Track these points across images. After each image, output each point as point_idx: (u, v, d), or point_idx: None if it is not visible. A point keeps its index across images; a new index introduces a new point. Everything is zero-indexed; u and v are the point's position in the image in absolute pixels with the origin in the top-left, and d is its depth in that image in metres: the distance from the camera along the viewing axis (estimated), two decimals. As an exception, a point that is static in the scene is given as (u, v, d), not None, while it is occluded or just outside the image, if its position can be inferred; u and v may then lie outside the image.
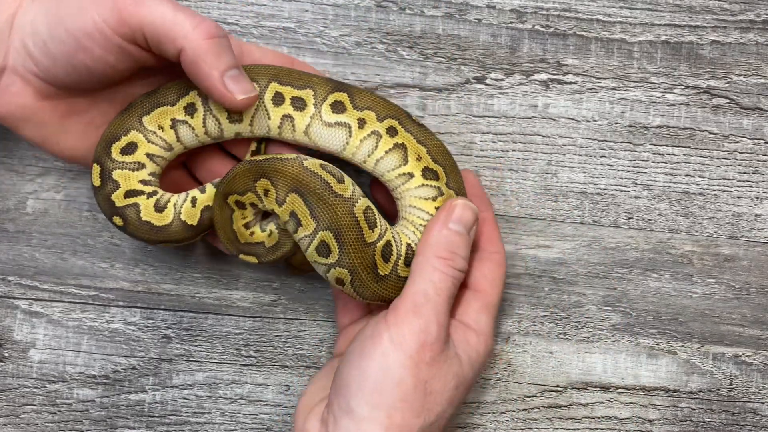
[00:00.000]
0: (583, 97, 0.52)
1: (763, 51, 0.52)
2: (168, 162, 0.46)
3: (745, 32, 0.52)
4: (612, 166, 0.52)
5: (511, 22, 0.52)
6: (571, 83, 0.52)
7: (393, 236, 0.45)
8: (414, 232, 0.46)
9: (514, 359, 0.52)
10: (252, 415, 0.52)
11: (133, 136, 0.44)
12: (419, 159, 0.46)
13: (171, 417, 0.52)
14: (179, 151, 0.46)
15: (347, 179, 0.44)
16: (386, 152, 0.45)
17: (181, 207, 0.45)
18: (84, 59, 0.41)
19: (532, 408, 0.52)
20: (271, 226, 0.46)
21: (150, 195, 0.45)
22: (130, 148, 0.45)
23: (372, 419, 0.41)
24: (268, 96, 0.45)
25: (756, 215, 0.52)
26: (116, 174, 0.44)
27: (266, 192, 0.44)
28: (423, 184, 0.46)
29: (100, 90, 0.45)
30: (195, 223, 0.45)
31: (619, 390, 0.52)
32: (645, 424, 0.52)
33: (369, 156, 0.45)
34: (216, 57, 0.41)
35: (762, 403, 0.52)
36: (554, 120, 0.52)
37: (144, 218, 0.44)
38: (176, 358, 0.52)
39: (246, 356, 0.52)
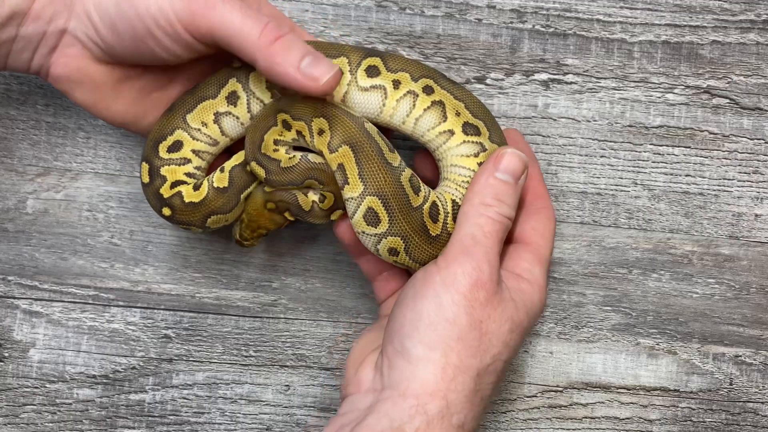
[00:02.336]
0: (583, 97, 0.52)
1: (764, 51, 0.52)
2: (215, 156, 0.47)
3: (745, 32, 0.52)
4: (612, 166, 0.52)
5: (511, 22, 0.52)
6: (571, 83, 0.52)
7: (438, 197, 0.45)
8: (457, 189, 0.46)
9: (514, 359, 0.52)
10: (252, 415, 0.52)
11: (179, 134, 0.45)
12: (458, 114, 0.45)
13: (171, 417, 0.52)
14: (226, 144, 0.47)
15: (396, 151, 0.44)
16: (425, 110, 0.45)
17: (213, 178, 0.46)
18: (151, 45, 0.42)
19: (532, 408, 0.52)
20: (297, 155, 0.45)
21: (192, 183, 0.46)
22: (176, 146, 0.46)
23: (428, 359, 0.41)
24: None
25: (756, 215, 0.52)
26: (164, 170, 0.45)
27: (321, 132, 0.44)
28: (464, 141, 0.45)
29: (176, 70, 0.46)
30: (225, 185, 0.45)
31: (619, 390, 0.52)
32: (645, 424, 0.52)
33: (408, 116, 0.45)
34: (286, 54, 0.41)
35: (762, 403, 0.52)
36: (554, 120, 0.52)
37: (187, 200, 0.45)
38: (176, 358, 0.52)
39: (246, 356, 0.52)
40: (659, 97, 0.52)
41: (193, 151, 0.46)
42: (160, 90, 0.46)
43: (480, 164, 0.45)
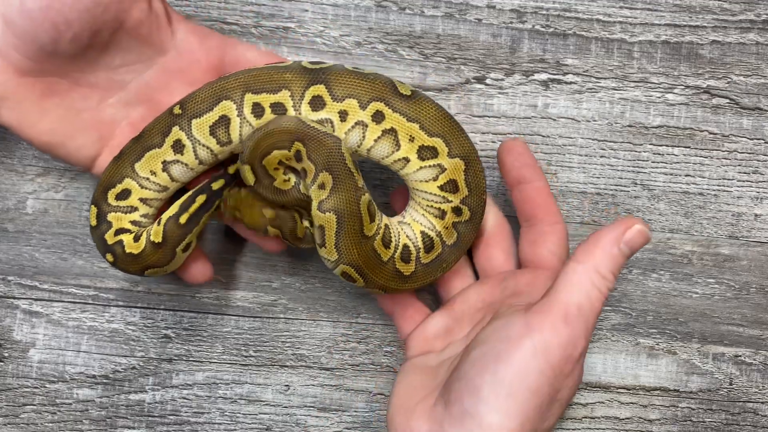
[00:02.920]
0: (583, 97, 0.52)
1: (763, 51, 0.52)
2: (164, 201, 0.47)
3: (745, 32, 0.52)
4: (612, 166, 0.52)
5: (511, 22, 0.52)
6: (571, 83, 0.52)
7: (407, 236, 0.46)
8: (424, 216, 0.46)
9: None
10: (252, 415, 0.52)
11: (127, 183, 0.45)
12: (412, 140, 0.44)
13: (171, 417, 0.52)
14: (176, 188, 0.46)
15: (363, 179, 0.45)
16: (375, 141, 0.44)
17: (151, 231, 0.45)
18: (62, 9, 0.40)
19: (532, 408, 0.52)
20: (291, 180, 0.45)
21: (134, 233, 0.46)
22: (125, 194, 0.45)
23: (503, 427, 0.38)
24: (247, 110, 0.44)
25: (756, 215, 0.52)
26: (110, 216, 0.45)
27: (322, 186, 0.43)
28: (421, 167, 0.44)
29: (80, 71, 0.44)
30: (160, 240, 0.45)
31: (619, 390, 0.52)
32: (645, 424, 0.52)
33: (359, 147, 0.44)
34: None
35: (762, 403, 0.52)
36: (554, 120, 0.52)
37: (127, 251, 0.45)
38: (176, 358, 0.52)
39: (246, 356, 0.52)
40: (659, 97, 0.52)
41: (141, 200, 0.46)
42: (89, 110, 0.45)
43: (440, 187, 0.45)
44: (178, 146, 0.44)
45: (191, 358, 0.52)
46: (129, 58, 0.45)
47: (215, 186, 0.46)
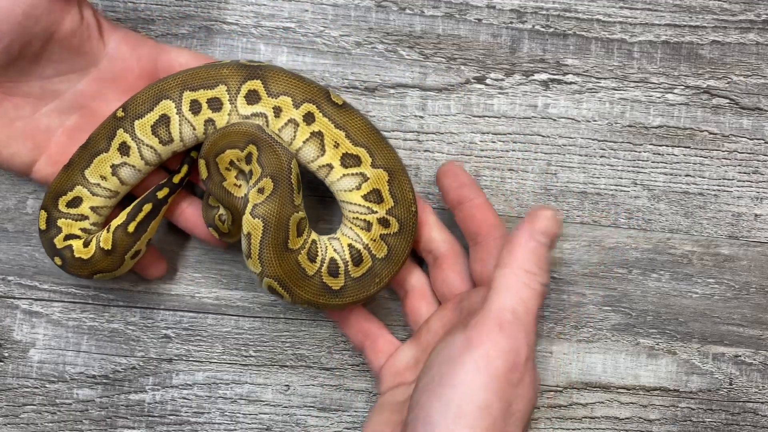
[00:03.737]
0: (583, 97, 0.52)
1: (763, 51, 0.52)
2: (113, 207, 0.48)
3: (745, 32, 0.52)
4: (612, 166, 0.52)
5: (511, 22, 0.52)
6: (571, 83, 0.52)
7: (335, 249, 0.46)
8: (351, 228, 0.46)
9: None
10: (252, 415, 0.52)
11: (78, 191, 0.46)
12: (337, 146, 0.45)
13: (171, 417, 0.52)
14: (126, 192, 0.48)
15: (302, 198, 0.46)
16: (304, 142, 0.45)
17: (101, 237, 0.46)
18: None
19: (532, 408, 0.52)
20: (243, 190, 0.46)
21: (84, 239, 0.47)
22: (75, 202, 0.46)
23: None
24: (186, 107, 0.45)
25: (756, 215, 0.52)
26: (60, 222, 0.46)
27: (261, 190, 0.44)
28: (344, 175, 0.45)
29: (12, 81, 0.45)
30: (109, 247, 0.46)
31: (619, 390, 0.52)
32: (645, 424, 0.52)
33: (290, 146, 0.45)
34: None
35: (762, 403, 0.52)
36: (554, 120, 0.52)
37: (76, 255, 0.46)
38: (176, 358, 0.52)
39: (246, 356, 0.52)
40: (659, 97, 0.52)
41: (92, 208, 0.47)
42: (23, 119, 0.46)
43: (364, 197, 0.45)
44: (124, 148, 0.46)
45: (191, 358, 0.52)
46: (61, 68, 0.46)
47: (160, 195, 0.47)
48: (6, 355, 0.52)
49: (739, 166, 0.52)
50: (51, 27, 0.43)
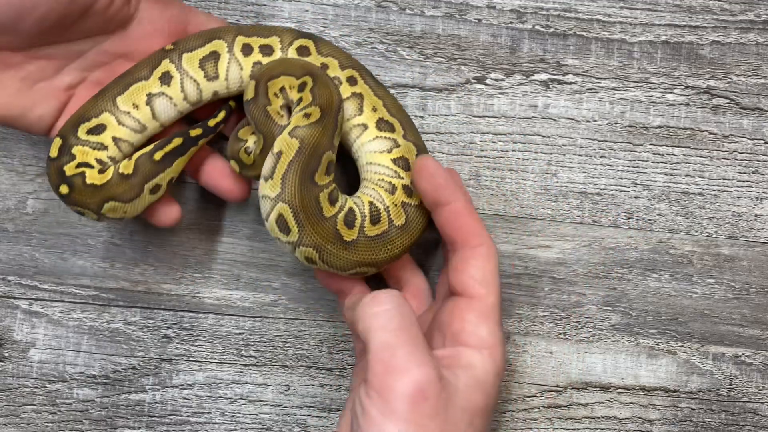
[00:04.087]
0: (583, 97, 0.52)
1: (763, 51, 0.52)
2: (134, 148, 0.46)
3: (745, 32, 0.52)
4: (612, 166, 0.52)
5: (511, 22, 0.52)
6: (571, 83, 0.52)
7: (355, 202, 0.45)
8: (374, 189, 0.46)
9: (514, 359, 0.52)
10: (252, 415, 0.52)
11: (105, 118, 0.45)
12: (374, 110, 0.46)
13: (171, 417, 0.52)
14: (152, 132, 0.46)
15: (332, 174, 0.45)
16: (345, 99, 0.46)
17: (120, 165, 0.45)
18: None
19: (532, 408, 0.52)
20: (285, 119, 0.46)
21: (98, 169, 0.45)
22: (98, 129, 0.45)
23: None
24: (237, 48, 0.46)
25: (756, 215, 0.52)
26: (76, 149, 0.44)
27: (307, 116, 0.44)
28: (377, 137, 0.46)
29: (38, 45, 0.43)
30: (130, 171, 0.44)
31: (619, 390, 0.52)
32: (645, 424, 0.52)
33: None
34: None
35: (762, 403, 0.52)
36: (554, 120, 0.52)
37: (88, 182, 0.44)
38: (176, 358, 0.52)
39: (246, 356, 0.52)
40: (659, 98, 0.52)
41: (114, 139, 0.45)
42: (46, 80, 0.44)
43: (393, 161, 0.45)
44: (166, 78, 0.45)
45: (191, 358, 0.52)
46: (91, 31, 0.44)
47: (192, 133, 0.46)
48: (6, 355, 0.52)
49: (739, 166, 0.52)
50: (90, 1, 0.42)
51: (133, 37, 0.46)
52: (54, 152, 0.44)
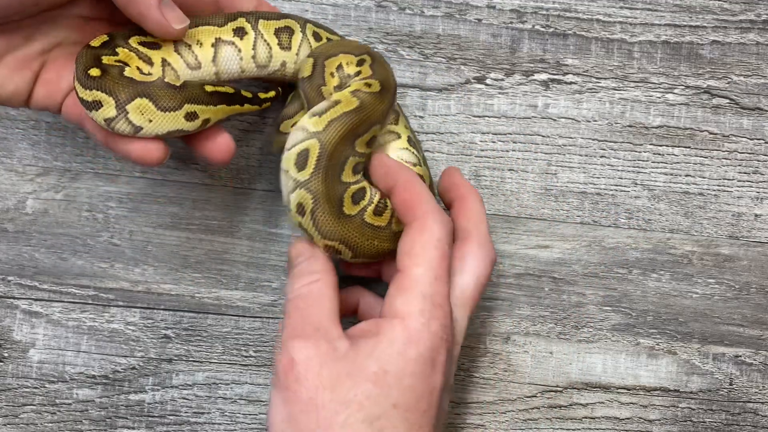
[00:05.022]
0: (583, 97, 0.52)
1: (764, 51, 0.52)
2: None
3: (745, 32, 0.52)
4: (612, 166, 0.52)
5: (511, 22, 0.52)
6: (571, 83, 0.52)
7: (370, 186, 0.44)
8: None
9: (514, 359, 0.52)
10: (252, 415, 0.52)
11: (160, 41, 0.42)
12: (407, 128, 0.47)
13: (171, 417, 0.52)
14: (203, 75, 0.44)
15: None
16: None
17: (167, 75, 0.42)
18: None
19: (532, 408, 0.52)
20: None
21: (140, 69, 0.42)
22: (152, 45, 0.42)
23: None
24: (309, 33, 0.45)
25: (756, 215, 0.52)
26: (120, 49, 0.41)
27: (368, 85, 0.43)
28: (407, 148, 0.46)
29: (35, 25, 0.41)
30: (178, 83, 0.41)
31: (619, 390, 0.52)
32: (645, 424, 0.52)
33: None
34: None
35: (762, 403, 0.52)
36: (554, 120, 0.52)
37: (126, 74, 0.40)
38: (176, 358, 0.52)
39: (246, 356, 0.52)
40: (659, 97, 0.52)
41: (163, 61, 0.42)
42: (14, 51, 0.41)
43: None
44: (240, 32, 0.44)
45: (191, 358, 0.52)
46: (86, 24, 0.43)
47: (244, 92, 0.43)
48: (6, 355, 0.52)
49: (740, 166, 0.52)
50: None
51: None
52: (96, 43, 0.41)
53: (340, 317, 0.41)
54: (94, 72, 0.40)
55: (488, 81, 0.52)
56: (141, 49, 0.42)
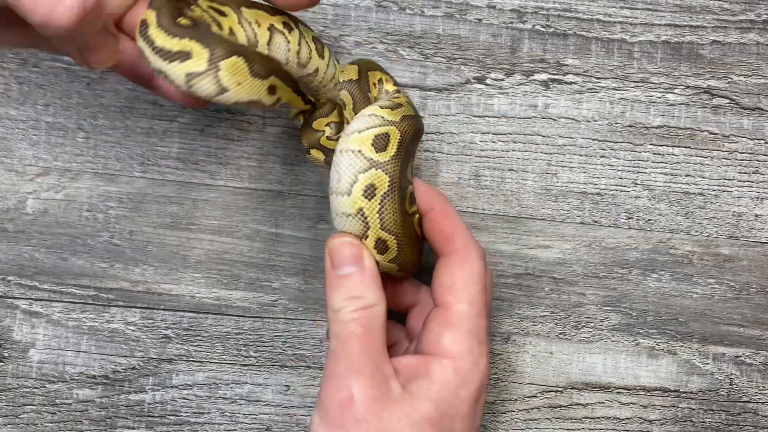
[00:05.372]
0: (583, 97, 0.52)
1: (764, 51, 0.52)
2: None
3: (745, 32, 0.52)
4: (612, 166, 0.52)
5: (511, 22, 0.52)
6: (571, 83, 0.52)
7: None
8: None
9: (514, 359, 0.52)
10: (252, 415, 0.52)
11: (227, 10, 0.40)
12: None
13: (171, 417, 0.52)
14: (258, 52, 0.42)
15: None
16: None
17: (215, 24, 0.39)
18: None
19: (532, 408, 0.52)
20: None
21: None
22: (220, 12, 0.40)
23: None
24: (330, 53, 0.45)
25: (756, 215, 0.52)
26: (195, 7, 0.39)
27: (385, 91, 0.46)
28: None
29: None
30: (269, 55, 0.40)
31: (619, 390, 0.52)
32: (645, 424, 0.52)
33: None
34: None
35: (762, 403, 0.52)
36: (554, 120, 0.52)
37: (214, 32, 0.38)
38: (176, 358, 0.52)
39: (246, 356, 0.52)
40: (659, 97, 0.52)
41: (230, 29, 0.40)
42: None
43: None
44: (288, 26, 0.41)
45: (191, 358, 0.52)
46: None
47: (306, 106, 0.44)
48: (6, 355, 0.52)
49: (740, 166, 0.52)
50: None
51: None
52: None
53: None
54: (185, 21, 0.37)
55: (488, 81, 0.52)
56: (211, 12, 0.39)
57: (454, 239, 0.41)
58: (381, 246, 0.41)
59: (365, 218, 0.40)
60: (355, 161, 0.41)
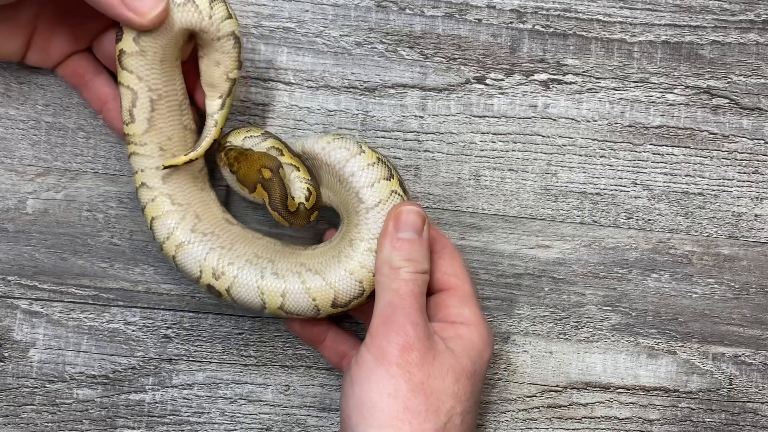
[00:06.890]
0: (583, 97, 0.52)
1: (763, 51, 0.52)
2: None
3: (745, 32, 0.52)
4: (612, 166, 0.52)
5: (511, 22, 0.52)
6: (571, 83, 0.52)
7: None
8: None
9: (514, 359, 0.52)
10: (252, 415, 0.52)
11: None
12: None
13: (171, 417, 0.52)
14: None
15: None
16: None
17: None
18: None
19: (532, 408, 0.52)
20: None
21: None
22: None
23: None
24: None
25: (756, 215, 0.52)
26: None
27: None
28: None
29: None
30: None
31: (618, 390, 0.52)
32: (645, 424, 0.52)
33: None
34: None
35: (762, 403, 0.52)
36: (554, 120, 0.52)
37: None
38: (176, 358, 0.52)
39: (246, 356, 0.52)
40: (659, 98, 0.52)
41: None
42: (6, 20, 0.44)
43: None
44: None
45: (191, 358, 0.52)
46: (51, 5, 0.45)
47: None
48: (6, 355, 0.52)
49: (739, 166, 0.52)
50: None
51: None
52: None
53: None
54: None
55: (488, 81, 0.52)
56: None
57: (440, 238, 0.47)
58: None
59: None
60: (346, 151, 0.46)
